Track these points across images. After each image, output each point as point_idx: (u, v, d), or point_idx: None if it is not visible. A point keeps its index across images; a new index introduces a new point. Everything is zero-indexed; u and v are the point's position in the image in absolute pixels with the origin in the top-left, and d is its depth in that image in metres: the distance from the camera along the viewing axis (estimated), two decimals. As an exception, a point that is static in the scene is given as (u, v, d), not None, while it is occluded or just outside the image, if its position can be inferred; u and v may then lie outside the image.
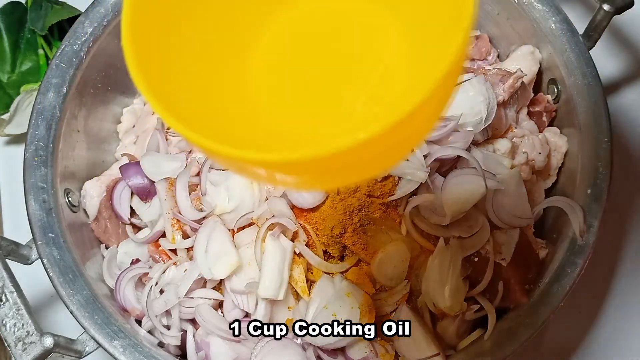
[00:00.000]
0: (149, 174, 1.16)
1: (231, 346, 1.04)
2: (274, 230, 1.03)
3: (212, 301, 1.07)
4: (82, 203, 1.20)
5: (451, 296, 1.01)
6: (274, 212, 1.04)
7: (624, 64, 1.43)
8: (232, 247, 1.04)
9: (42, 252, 1.07)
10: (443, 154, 1.03)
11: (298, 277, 1.05)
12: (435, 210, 1.04)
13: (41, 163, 1.13)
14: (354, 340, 1.00)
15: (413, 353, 1.02)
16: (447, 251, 1.03)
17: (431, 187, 1.03)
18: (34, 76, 1.51)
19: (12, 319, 0.98)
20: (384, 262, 1.04)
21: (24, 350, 0.96)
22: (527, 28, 1.20)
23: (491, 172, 1.06)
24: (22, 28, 1.53)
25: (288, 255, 1.03)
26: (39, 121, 1.15)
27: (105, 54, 1.25)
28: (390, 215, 1.07)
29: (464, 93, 1.07)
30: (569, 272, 1.02)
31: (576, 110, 1.13)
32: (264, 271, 1.01)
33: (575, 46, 1.14)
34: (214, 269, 1.03)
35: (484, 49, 1.28)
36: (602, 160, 1.08)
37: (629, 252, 1.33)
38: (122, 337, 1.02)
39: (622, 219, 1.34)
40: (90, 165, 1.25)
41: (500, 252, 1.06)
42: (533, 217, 1.11)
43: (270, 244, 1.02)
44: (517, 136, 1.15)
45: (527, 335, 0.99)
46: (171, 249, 1.12)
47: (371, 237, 1.05)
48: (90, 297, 1.05)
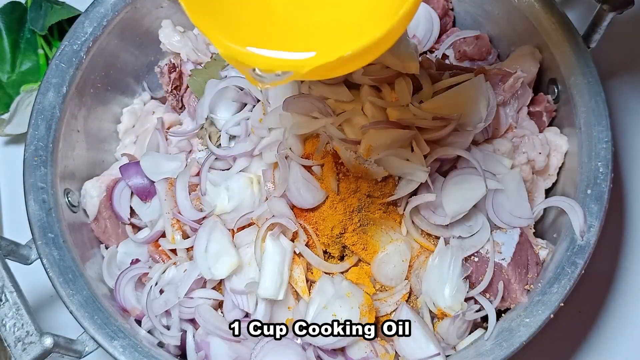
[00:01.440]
0: (148, 174, 1.16)
1: (231, 346, 1.04)
2: (274, 230, 1.03)
3: (212, 301, 1.07)
4: (82, 203, 1.20)
5: (451, 296, 1.02)
6: (274, 212, 1.04)
7: (624, 64, 1.43)
8: (232, 247, 1.04)
9: (42, 252, 1.07)
10: (443, 153, 1.03)
11: (298, 277, 1.05)
12: (435, 210, 1.04)
13: (41, 163, 1.13)
14: (354, 340, 1.00)
15: (413, 353, 1.02)
16: (447, 251, 1.03)
17: (431, 187, 1.03)
18: (34, 76, 1.51)
19: (12, 319, 0.97)
20: (384, 262, 1.04)
21: (23, 350, 0.95)
22: (527, 28, 1.20)
23: (491, 172, 1.06)
24: (22, 28, 1.53)
25: (288, 255, 1.03)
26: (39, 121, 1.15)
27: (105, 54, 1.25)
28: (390, 215, 1.07)
29: (464, 93, 1.07)
30: (569, 272, 1.02)
31: (576, 110, 1.13)
32: (263, 271, 1.01)
33: (575, 46, 1.14)
34: (214, 269, 1.03)
35: (484, 49, 1.28)
36: (602, 160, 1.08)
37: (629, 252, 1.33)
38: (122, 337, 1.02)
39: (622, 219, 1.34)
40: (90, 165, 1.26)
41: (500, 252, 1.06)
42: (533, 217, 1.11)
43: (270, 244, 1.02)
44: (517, 136, 1.15)
45: (528, 334, 0.99)
46: (171, 249, 1.12)
47: (371, 237, 1.05)
48: (90, 297, 1.05)
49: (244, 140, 1.13)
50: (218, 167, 1.15)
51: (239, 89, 1.17)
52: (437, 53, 1.29)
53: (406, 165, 1.02)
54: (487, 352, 1.00)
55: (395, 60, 1.07)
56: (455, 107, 1.06)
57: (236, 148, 1.12)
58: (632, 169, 1.37)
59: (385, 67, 1.10)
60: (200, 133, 1.20)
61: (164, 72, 1.28)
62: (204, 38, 1.33)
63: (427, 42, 1.30)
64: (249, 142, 1.11)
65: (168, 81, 1.27)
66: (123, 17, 1.24)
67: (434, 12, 1.30)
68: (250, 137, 1.12)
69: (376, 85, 1.09)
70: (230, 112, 1.18)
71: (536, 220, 1.15)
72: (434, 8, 1.31)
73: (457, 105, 1.07)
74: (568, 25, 1.16)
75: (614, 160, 1.08)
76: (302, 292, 1.04)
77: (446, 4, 1.33)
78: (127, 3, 1.24)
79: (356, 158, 1.03)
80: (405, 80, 1.10)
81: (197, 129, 1.20)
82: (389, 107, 1.06)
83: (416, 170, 1.01)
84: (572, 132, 1.15)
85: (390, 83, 1.09)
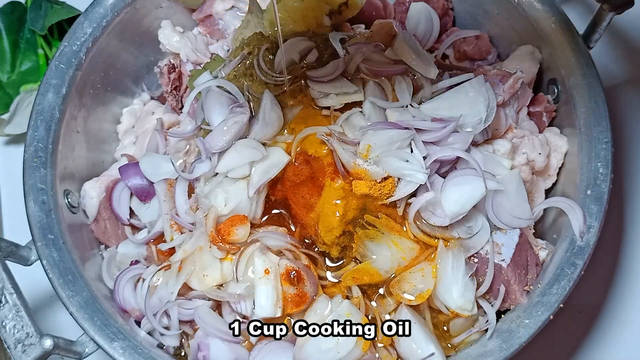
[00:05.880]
0: (148, 174, 1.16)
1: (231, 347, 1.04)
2: (260, 245, 1.04)
3: (211, 302, 1.07)
4: (82, 204, 1.20)
5: (460, 296, 1.01)
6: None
7: (624, 64, 1.43)
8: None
9: (42, 253, 1.07)
10: (442, 155, 1.03)
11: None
12: (435, 211, 1.04)
13: (40, 164, 1.13)
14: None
15: (413, 353, 1.02)
16: (447, 252, 1.03)
17: (430, 189, 1.03)
18: (34, 76, 1.51)
19: (12, 320, 0.97)
20: (383, 262, 1.04)
21: (23, 352, 0.96)
22: (527, 28, 1.20)
23: (491, 172, 1.05)
24: (22, 28, 1.53)
25: (278, 270, 1.03)
26: (39, 122, 1.15)
27: (104, 55, 1.25)
28: (390, 216, 1.07)
29: (463, 93, 1.07)
30: (569, 273, 1.02)
31: (576, 110, 1.13)
32: (257, 290, 1.01)
33: (575, 46, 1.14)
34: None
35: (484, 48, 1.28)
36: (602, 160, 1.08)
37: (628, 252, 1.33)
38: (122, 338, 1.02)
39: (622, 219, 1.34)
40: (90, 166, 1.26)
41: (500, 253, 1.06)
42: (533, 218, 1.11)
43: (258, 260, 1.03)
44: (517, 136, 1.15)
45: (527, 335, 0.99)
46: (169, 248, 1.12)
47: (370, 237, 1.04)
48: (90, 299, 1.05)
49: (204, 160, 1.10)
50: (218, 170, 1.14)
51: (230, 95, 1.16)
52: (437, 53, 1.29)
53: (405, 167, 1.01)
54: (487, 353, 1.00)
55: (419, 62, 1.10)
56: (454, 107, 1.06)
57: (196, 170, 1.10)
58: (632, 169, 1.36)
59: (391, 61, 1.11)
60: (199, 134, 1.20)
61: (163, 72, 1.28)
62: (203, 38, 1.33)
63: (427, 42, 1.30)
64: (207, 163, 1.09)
65: (167, 81, 1.27)
66: (122, 18, 1.24)
67: (434, 12, 1.30)
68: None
69: (379, 82, 1.10)
70: (223, 116, 1.17)
71: (536, 221, 1.15)
72: (434, 8, 1.31)
73: (457, 105, 1.06)
74: (568, 25, 1.15)
75: (613, 161, 1.08)
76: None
77: (446, 4, 1.33)
78: (127, 3, 1.24)
79: (356, 159, 1.03)
80: (406, 80, 1.11)
81: (196, 130, 1.19)
82: (389, 107, 1.07)
83: (416, 172, 1.01)
84: (572, 132, 1.15)
85: (391, 78, 1.10)
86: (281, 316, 1.03)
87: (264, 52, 1.16)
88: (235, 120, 1.07)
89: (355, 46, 1.15)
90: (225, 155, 1.08)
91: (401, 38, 1.13)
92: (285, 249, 1.06)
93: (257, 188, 1.05)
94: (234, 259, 1.05)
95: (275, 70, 1.15)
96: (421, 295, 1.02)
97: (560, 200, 1.09)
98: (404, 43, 1.12)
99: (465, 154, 1.03)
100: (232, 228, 1.05)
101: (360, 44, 1.15)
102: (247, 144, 1.07)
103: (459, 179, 1.03)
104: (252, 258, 1.03)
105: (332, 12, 1.23)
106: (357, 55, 1.13)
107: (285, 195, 1.10)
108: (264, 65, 1.15)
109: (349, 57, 1.13)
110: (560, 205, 1.08)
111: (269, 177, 1.06)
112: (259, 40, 1.18)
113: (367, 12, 1.30)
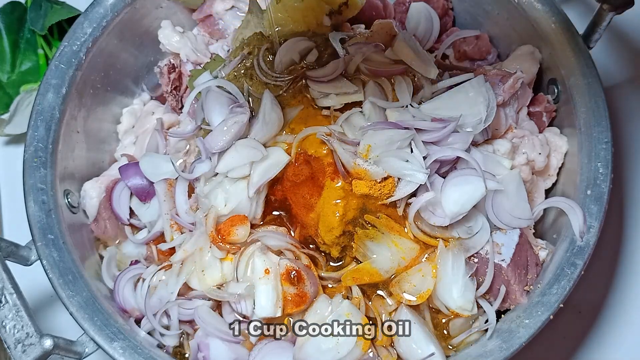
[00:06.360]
0: (148, 174, 1.16)
1: (231, 347, 1.04)
2: (261, 245, 1.04)
3: (212, 302, 1.07)
4: (82, 204, 1.20)
5: (460, 296, 1.01)
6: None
7: (624, 64, 1.43)
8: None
9: (42, 253, 1.07)
10: (442, 155, 1.03)
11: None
12: (434, 211, 1.04)
13: (40, 164, 1.13)
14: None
15: (413, 353, 1.02)
16: (447, 252, 1.03)
17: (430, 189, 1.03)
18: (34, 76, 1.51)
19: (12, 320, 0.97)
20: (383, 262, 1.04)
21: (23, 352, 0.96)
22: (527, 28, 1.20)
23: (491, 172, 1.05)
24: (22, 28, 1.53)
25: (277, 269, 1.03)
26: (39, 122, 1.15)
27: (104, 55, 1.25)
28: (390, 216, 1.07)
29: (463, 93, 1.07)
30: (569, 273, 1.02)
31: (576, 110, 1.13)
32: (257, 290, 1.02)
33: (575, 46, 1.14)
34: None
35: (484, 48, 1.28)
36: (602, 160, 1.08)
37: (628, 252, 1.33)
38: (122, 338, 1.02)
39: (622, 219, 1.34)
40: (90, 166, 1.26)
41: (500, 253, 1.06)
42: (533, 218, 1.11)
43: (259, 260, 1.03)
44: (517, 136, 1.15)
45: (527, 335, 0.99)
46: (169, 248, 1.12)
47: (370, 237, 1.04)
48: (90, 299, 1.05)
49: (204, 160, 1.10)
50: (218, 169, 1.14)
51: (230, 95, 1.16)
52: (437, 53, 1.29)
53: (405, 167, 1.01)
54: (487, 353, 1.00)
55: (419, 62, 1.10)
56: (454, 107, 1.06)
57: (196, 170, 1.10)
58: (632, 169, 1.36)
59: (391, 62, 1.11)
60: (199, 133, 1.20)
61: (163, 72, 1.28)
62: (203, 38, 1.33)
63: (427, 42, 1.30)
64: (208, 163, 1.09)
65: (167, 81, 1.27)
66: (122, 18, 1.24)
67: (434, 12, 1.30)
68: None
69: (379, 82, 1.10)
70: (223, 116, 1.17)
71: (536, 221, 1.15)
72: (434, 8, 1.31)
73: (457, 105, 1.06)
74: (568, 25, 1.15)
75: (613, 161, 1.08)
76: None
77: (446, 4, 1.33)
78: (127, 3, 1.24)
79: (356, 158, 1.03)
80: (406, 80, 1.11)
81: (196, 130, 1.19)
82: (389, 107, 1.07)
83: (415, 172, 1.01)
84: (572, 132, 1.15)
85: (391, 78, 1.10)
86: (281, 316, 1.02)
87: (264, 52, 1.16)
88: (235, 120, 1.07)
89: (355, 46, 1.15)
90: (225, 155, 1.08)
91: (401, 38, 1.13)
92: (286, 249, 1.06)
93: (257, 188, 1.05)
94: (234, 259, 1.05)
95: (275, 71, 1.15)
96: (421, 295, 1.02)
97: (560, 200, 1.09)
98: (404, 43, 1.12)
99: (465, 154, 1.03)
100: (232, 228, 1.05)
101: (360, 44, 1.15)
102: (247, 144, 1.07)
103: (459, 179, 1.03)
104: (252, 258, 1.03)
105: (332, 12, 1.23)
106: (357, 55, 1.13)
107: (285, 195, 1.10)
108: (264, 65, 1.15)
109: (349, 57, 1.14)
110: (560, 205, 1.08)
111: (269, 177, 1.06)
112: (259, 40, 1.18)
113: (367, 12, 1.30)
